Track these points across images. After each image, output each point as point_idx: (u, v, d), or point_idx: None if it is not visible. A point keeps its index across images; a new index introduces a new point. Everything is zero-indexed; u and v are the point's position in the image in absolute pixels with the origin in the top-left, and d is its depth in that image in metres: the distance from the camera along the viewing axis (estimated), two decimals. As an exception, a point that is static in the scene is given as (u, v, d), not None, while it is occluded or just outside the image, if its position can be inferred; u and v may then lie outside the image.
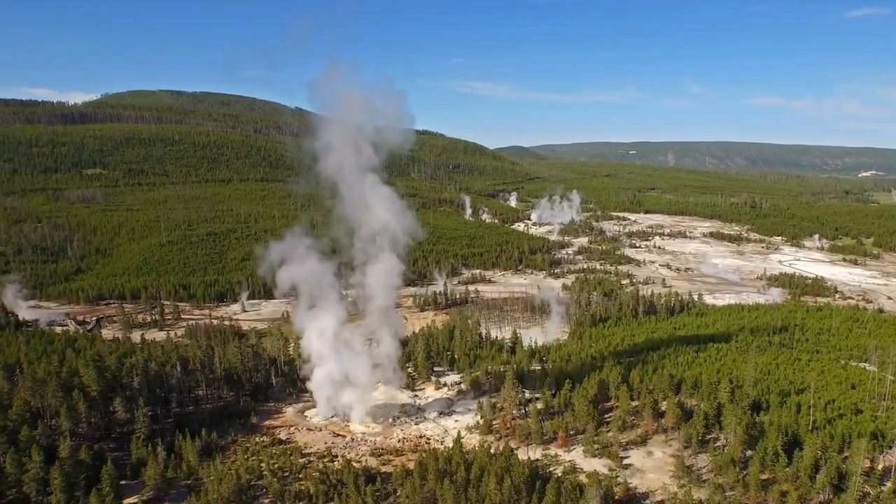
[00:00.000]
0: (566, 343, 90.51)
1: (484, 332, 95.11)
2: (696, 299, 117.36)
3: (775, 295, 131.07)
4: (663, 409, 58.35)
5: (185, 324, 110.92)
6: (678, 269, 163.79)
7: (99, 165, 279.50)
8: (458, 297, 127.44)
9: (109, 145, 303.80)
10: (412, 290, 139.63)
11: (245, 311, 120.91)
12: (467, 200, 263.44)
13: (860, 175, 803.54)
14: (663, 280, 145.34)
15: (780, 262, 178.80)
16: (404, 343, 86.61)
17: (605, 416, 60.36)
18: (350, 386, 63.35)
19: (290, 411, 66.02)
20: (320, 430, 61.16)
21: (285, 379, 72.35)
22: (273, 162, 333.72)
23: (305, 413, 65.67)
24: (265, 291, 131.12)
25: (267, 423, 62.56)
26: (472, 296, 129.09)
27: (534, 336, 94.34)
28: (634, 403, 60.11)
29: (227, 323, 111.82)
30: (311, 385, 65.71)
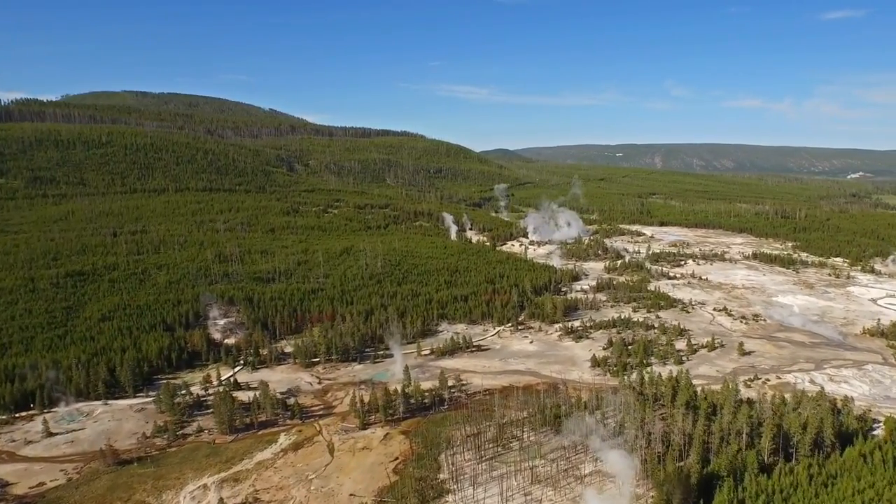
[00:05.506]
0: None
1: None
2: (839, 403, 69.07)
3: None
4: None
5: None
6: (744, 318, 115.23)
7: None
8: (426, 393, 76.78)
9: (15, 148, 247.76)
10: (357, 368, 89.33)
11: (51, 436, 68.86)
12: (450, 219, 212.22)
13: (849, 177, 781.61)
14: (741, 345, 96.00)
15: (872, 300, 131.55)
16: None
17: None
18: None
19: None
20: None
21: None
22: (221, 168, 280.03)
23: None
24: (108, 385, 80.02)
25: None
26: (450, 386, 79.05)
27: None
28: None
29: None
30: None
